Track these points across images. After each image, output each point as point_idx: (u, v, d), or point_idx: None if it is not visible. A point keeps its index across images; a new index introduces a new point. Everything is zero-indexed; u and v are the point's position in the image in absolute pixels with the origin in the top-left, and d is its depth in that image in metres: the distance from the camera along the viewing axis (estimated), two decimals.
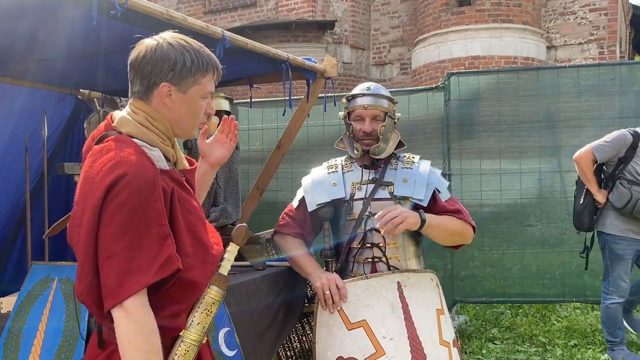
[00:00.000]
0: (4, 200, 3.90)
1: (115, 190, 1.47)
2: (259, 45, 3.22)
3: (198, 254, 1.62)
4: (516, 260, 5.70)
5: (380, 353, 2.48)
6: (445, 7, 11.02)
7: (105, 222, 1.47)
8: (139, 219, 1.48)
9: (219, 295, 1.65)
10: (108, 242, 1.47)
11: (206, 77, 1.65)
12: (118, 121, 1.63)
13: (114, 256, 1.47)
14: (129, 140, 1.57)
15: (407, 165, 2.81)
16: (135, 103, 1.64)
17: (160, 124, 1.63)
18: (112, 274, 1.47)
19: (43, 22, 2.45)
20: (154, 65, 1.59)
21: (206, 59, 1.65)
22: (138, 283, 1.47)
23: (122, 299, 1.46)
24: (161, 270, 1.49)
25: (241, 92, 10.04)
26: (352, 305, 2.57)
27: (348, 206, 2.76)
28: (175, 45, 1.60)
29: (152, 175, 1.52)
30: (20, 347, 2.48)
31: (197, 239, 1.63)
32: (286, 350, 3.82)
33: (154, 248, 1.49)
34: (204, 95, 1.67)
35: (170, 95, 1.61)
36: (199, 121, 1.70)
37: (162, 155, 1.63)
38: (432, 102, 5.72)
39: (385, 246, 2.70)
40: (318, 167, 2.97)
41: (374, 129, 2.75)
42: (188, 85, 1.62)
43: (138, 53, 1.61)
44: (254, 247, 3.48)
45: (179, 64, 1.59)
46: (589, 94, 5.57)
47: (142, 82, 1.61)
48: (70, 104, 4.06)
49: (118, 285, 1.46)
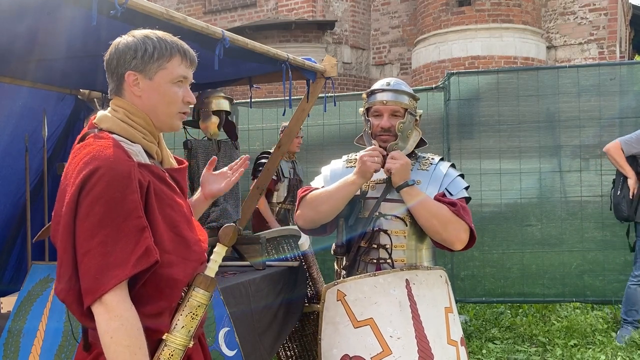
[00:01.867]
0: (4, 200, 3.90)
1: (90, 184, 1.47)
2: (259, 45, 3.22)
3: (179, 249, 1.59)
4: (516, 260, 5.70)
5: (387, 352, 2.46)
6: (445, 7, 11.02)
7: (81, 218, 1.47)
8: (115, 212, 1.47)
9: (205, 298, 1.60)
10: (85, 238, 1.46)
11: (172, 61, 1.63)
12: (98, 119, 1.64)
13: (91, 251, 1.45)
14: (106, 136, 1.58)
15: (423, 167, 2.74)
16: (114, 101, 1.66)
17: (139, 119, 1.63)
18: (90, 269, 1.45)
19: (43, 22, 2.45)
20: (119, 57, 1.61)
21: (170, 44, 1.63)
22: (117, 276, 1.45)
23: (101, 294, 1.44)
24: (139, 262, 1.47)
25: (241, 92, 10.05)
26: (359, 302, 2.54)
27: (359, 204, 2.73)
28: (137, 36, 1.63)
29: (127, 167, 1.51)
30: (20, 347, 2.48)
31: (179, 234, 1.60)
32: (286, 350, 3.83)
33: (131, 241, 1.47)
34: (174, 80, 1.64)
35: (138, 83, 1.62)
36: (175, 109, 1.67)
37: (143, 151, 1.62)
38: (432, 102, 5.72)
39: (392, 248, 2.67)
40: (337, 159, 2.92)
41: (393, 125, 2.66)
42: (153, 71, 1.62)
43: (108, 53, 1.65)
44: (254, 247, 3.48)
45: (139, 51, 1.60)
46: (589, 94, 5.57)
47: (113, 77, 1.64)
48: (70, 104, 4.06)
49: (96, 280, 1.44)
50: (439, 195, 2.63)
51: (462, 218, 2.56)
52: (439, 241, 2.63)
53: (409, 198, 2.57)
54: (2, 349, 2.51)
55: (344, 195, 2.65)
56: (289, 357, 3.85)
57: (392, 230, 2.67)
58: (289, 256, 3.69)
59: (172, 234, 1.58)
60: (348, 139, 2.99)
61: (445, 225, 2.55)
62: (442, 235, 2.57)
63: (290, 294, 3.43)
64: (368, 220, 2.68)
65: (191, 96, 1.69)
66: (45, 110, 3.73)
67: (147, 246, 1.49)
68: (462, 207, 2.60)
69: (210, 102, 3.67)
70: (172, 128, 1.70)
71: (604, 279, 5.54)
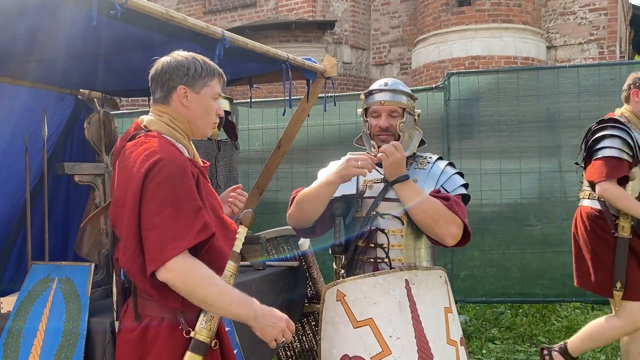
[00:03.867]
0: (4, 200, 3.90)
1: (153, 172, 1.76)
2: (259, 45, 3.22)
3: (221, 229, 1.90)
4: (516, 260, 5.70)
5: (387, 352, 2.46)
6: (445, 7, 11.02)
7: (146, 200, 1.76)
8: (175, 195, 1.76)
9: (234, 268, 1.90)
10: (150, 216, 1.75)
11: (214, 80, 1.98)
12: (147, 122, 1.94)
13: (156, 227, 1.74)
14: (159, 135, 1.89)
15: (420, 165, 2.75)
16: (158, 107, 1.96)
17: (180, 124, 1.95)
18: (155, 242, 1.74)
19: (43, 22, 2.45)
20: (171, 72, 1.92)
21: (212, 66, 1.99)
22: (180, 246, 1.74)
23: (165, 261, 1.72)
24: (199, 234, 1.77)
25: (241, 92, 10.05)
26: (358, 302, 2.54)
27: (357, 203, 2.74)
28: (186, 57, 1.96)
29: (182, 160, 1.83)
30: (20, 347, 2.48)
31: (218, 217, 1.93)
32: (286, 350, 3.83)
33: (190, 218, 1.77)
34: (214, 96, 1.99)
35: (187, 96, 1.94)
36: (212, 120, 2.02)
37: (185, 150, 1.94)
38: (432, 102, 5.72)
39: (389, 247, 2.67)
40: (336, 161, 2.92)
41: (391, 124, 2.68)
42: (200, 87, 1.95)
43: (156, 67, 1.95)
44: (254, 247, 3.47)
45: (191, 70, 1.93)
46: (589, 94, 5.56)
47: (162, 88, 1.94)
48: (70, 104, 4.05)
49: (160, 250, 1.73)
50: (434, 192, 2.62)
51: (455, 213, 2.54)
52: (432, 236, 2.62)
53: (401, 193, 2.59)
54: (2, 349, 2.51)
55: (321, 194, 2.65)
56: (289, 357, 3.85)
57: (390, 230, 2.68)
58: (289, 256, 3.69)
59: (214, 216, 1.89)
60: (348, 139, 2.99)
61: (437, 219, 2.53)
62: (433, 229, 2.56)
63: (290, 294, 3.43)
64: (365, 219, 2.69)
65: (220, 109, 2.05)
66: (45, 110, 3.73)
67: (204, 222, 1.79)
68: (455, 202, 2.58)
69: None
70: (204, 135, 2.05)
71: None
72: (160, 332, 1.85)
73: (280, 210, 5.95)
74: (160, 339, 1.84)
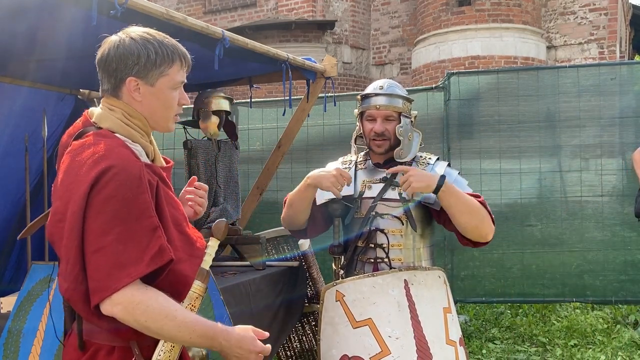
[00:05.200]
0: (4, 200, 3.90)
1: (102, 182, 1.45)
2: (259, 45, 3.23)
3: (185, 247, 1.61)
4: (516, 260, 5.70)
5: (386, 352, 2.46)
6: (445, 7, 11.01)
7: (92, 215, 1.45)
8: (127, 211, 1.46)
9: (201, 289, 1.62)
10: (96, 236, 1.44)
11: (173, 67, 1.62)
12: (97, 117, 1.62)
13: (103, 249, 1.44)
14: (111, 135, 1.57)
15: (421, 167, 2.74)
16: (109, 100, 1.63)
17: (137, 120, 1.62)
18: (101, 267, 1.44)
19: (43, 22, 2.45)
20: (118, 61, 1.58)
21: (171, 49, 1.62)
22: (130, 275, 1.44)
23: (112, 292, 1.43)
24: (153, 261, 1.47)
25: (241, 92, 10.04)
26: (357, 303, 2.54)
27: (356, 204, 2.74)
28: (137, 39, 1.59)
29: (137, 168, 1.50)
30: (20, 347, 2.48)
31: (182, 232, 1.62)
32: (286, 350, 3.83)
33: (144, 239, 1.47)
34: (174, 86, 1.64)
35: (139, 89, 1.60)
36: (173, 113, 1.68)
37: (143, 151, 1.62)
38: (432, 102, 5.72)
39: (389, 247, 2.68)
40: (334, 162, 2.92)
41: (386, 129, 2.68)
42: (155, 78, 1.60)
43: (102, 51, 1.61)
44: (254, 247, 3.48)
45: (142, 58, 1.57)
46: (589, 94, 5.57)
47: (110, 79, 1.61)
48: (70, 104, 4.06)
49: (108, 278, 1.43)
50: None
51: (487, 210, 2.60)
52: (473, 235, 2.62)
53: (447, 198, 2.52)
54: (2, 349, 2.51)
55: (301, 198, 2.69)
56: (289, 357, 3.85)
57: (389, 230, 2.68)
58: (289, 256, 3.69)
59: (177, 232, 1.60)
60: (348, 139, 2.98)
61: (482, 219, 2.58)
62: (479, 228, 2.58)
63: (290, 294, 3.43)
64: (365, 220, 2.69)
65: (185, 98, 1.70)
66: (45, 110, 3.73)
67: (160, 245, 1.49)
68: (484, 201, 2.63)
69: (210, 102, 3.66)
70: (167, 130, 1.70)
71: (604, 279, 5.54)
72: None
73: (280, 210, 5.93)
74: None
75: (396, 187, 2.70)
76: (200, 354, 2.30)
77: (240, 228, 3.69)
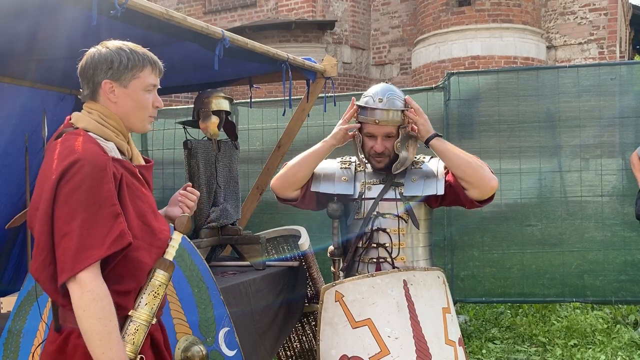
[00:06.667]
0: (4, 200, 3.91)
1: (69, 174, 1.63)
2: (258, 45, 3.23)
3: (146, 236, 1.77)
4: (516, 260, 5.70)
5: (385, 352, 2.47)
6: (445, 7, 11.01)
7: (60, 204, 1.63)
8: (92, 199, 1.63)
9: (165, 277, 1.78)
10: (63, 222, 1.62)
11: (144, 71, 1.81)
12: (74, 118, 1.82)
13: (69, 234, 1.61)
14: (82, 133, 1.75)
15: (416, 165, 2.78)
16: (88, 104, 1.83)
17: (112, 121, 1.81)
18: (67, 249, 1.61)
19: (43, 22, 2.45)
20: (95, 67, 1.79)
21: (141, 55, 1.82)
22: (92, 256, 1.61)
23: (76, 272, 1.59)
24: (114, 244, 1.64)
25: (241, 92, 10.05)
26: (357, 303, 2.55)
27: (356, 205, 2.75)
28: (112, 48, 1.81)
29: (103, 161, 1.68)
30: (20, 347, 2.48)
31: (146, 223, 1.78)
32: (286, 350, 3.83)
33: (106, 225, 1.64)
34: (146, 88, 1.82)
35: (114, 91, 1.79)
36: (147, 114, 1.86)
37: (116, 148, 1.80)
38: (432, 102, 5.72)
39: (392, 247, 2.69)
40: (330, 159, 2.91)
41: (386, 148, 2.68)
42: (128, 80, 1.80)
43: (82, 62, 1.82)
44: (254, 247, 3.48)
45: (116, 62, 1.78)
46: (589, 94, 5.57)
47: (88, 85, 1.82)
48: (70, 104, 4.06)
49: (73, 260, 1.60)
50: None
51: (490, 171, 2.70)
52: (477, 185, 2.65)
53: (440, 145, 2.67)
54: (2, 349, 2.51)
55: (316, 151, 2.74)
56: (289, 357, 3.85)
57: (391, 229, 2.70)
58: (289, 256, 3.69)
59: (140, 222, 1.76)
60: None
61: (481, 165, 2.67)
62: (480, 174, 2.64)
63: (291, 294, 3.43)
64: (366, 220, 2.70)
65: (159, 101, 1.88)
66: (45, 110, 3.73)
67: (121, 230, 1.65)
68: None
69: (210, 102, 3.66)
70: (143, 130, 1.89)
71: (604, 279, 5.54)
72: (79, 345, 1.67)
73: (280, 211, 5.96)
74: (78, 353, 1.68)
75: (396, 188, 2.71)
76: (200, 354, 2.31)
77: (240, 228, 3.69)
